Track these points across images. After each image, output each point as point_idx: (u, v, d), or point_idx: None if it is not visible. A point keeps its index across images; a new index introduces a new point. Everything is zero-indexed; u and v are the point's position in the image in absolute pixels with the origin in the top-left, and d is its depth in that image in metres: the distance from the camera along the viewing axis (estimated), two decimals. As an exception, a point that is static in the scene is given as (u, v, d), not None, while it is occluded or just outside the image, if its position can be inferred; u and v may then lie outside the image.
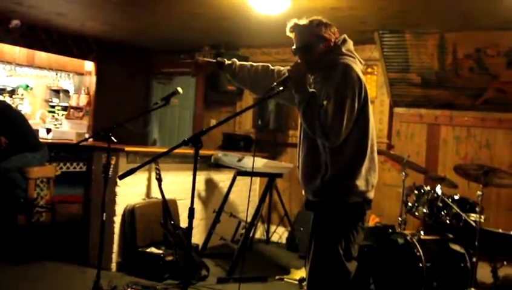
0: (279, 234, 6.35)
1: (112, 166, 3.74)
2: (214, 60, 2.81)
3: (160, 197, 4.59)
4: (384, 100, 5.85)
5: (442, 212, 4.20)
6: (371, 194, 2.46)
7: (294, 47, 2.53)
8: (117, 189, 4.51)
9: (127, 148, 4.45)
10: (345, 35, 2.55)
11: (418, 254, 3.94)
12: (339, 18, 4.75)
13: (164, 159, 4.81)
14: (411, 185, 4.61)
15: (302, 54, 2.50)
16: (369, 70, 5.84)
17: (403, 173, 4.56)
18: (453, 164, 5.38)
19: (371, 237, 4.49)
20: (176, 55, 7.56)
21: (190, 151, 4.43)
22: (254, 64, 2.84)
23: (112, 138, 3.59)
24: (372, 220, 5.54)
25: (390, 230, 4.58)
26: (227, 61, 2.77)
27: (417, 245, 4.00)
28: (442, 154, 5.60)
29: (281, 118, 6.42)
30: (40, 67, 7.50)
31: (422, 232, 4.21)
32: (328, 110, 2.28)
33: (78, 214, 6.00)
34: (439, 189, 4.24)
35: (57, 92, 8.89)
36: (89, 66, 7.57)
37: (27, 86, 8.44)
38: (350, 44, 2.53)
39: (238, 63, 2.80)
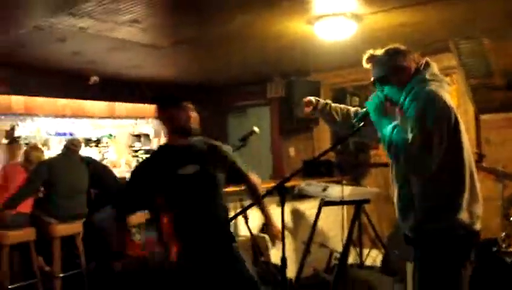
0: (373, 257, 6.14)
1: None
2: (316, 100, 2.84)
3: (248, 234, 4.58)
4: (468, 108, 5.55)
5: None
6: (477, 226, 2.28)
7: (372, 79, 2.46)
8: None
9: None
10: (427, 59, 2.42)
11: (529, 273, 3.65)
12: (408, 34, 4.60)
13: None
14: (510, 197, 4.31)
15: (380, 86, 2.42)
16: (447, 79, 5.58)
17: (501, 185, 4.27)
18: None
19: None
20: (246, 87, 7.65)
21: (274, 183, 4.40)
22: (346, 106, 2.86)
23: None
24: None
25: (494, 248, 4.27)
26: (321, 101, 2.82)
27: (527, 263, 3.71)
28: (541, 157, 5.21)
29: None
30: (120, 117, 7.84)
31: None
32: (415, 142, 2.16)
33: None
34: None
35: (138, 136, 9.27)
36: (166, 110, 7.81)
37: (110, 135, 8.86)
38: (433, 68, 2.39)
39: (332, 104, 2.84)
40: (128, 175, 7.55)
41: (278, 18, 4.13)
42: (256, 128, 3.67)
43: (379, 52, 2.42)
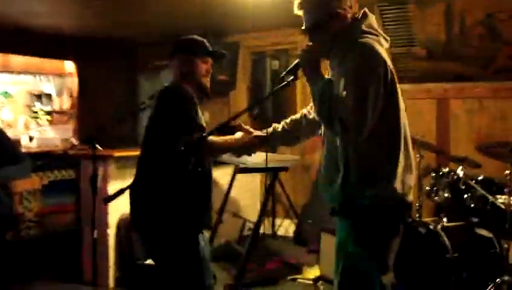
0: (285, 227, 6.01)
1: (100, 176, 3.36)
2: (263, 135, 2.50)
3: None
4: (388, 77, 5.45)
5: (465, 196, 3.84)
6: (409, 198, 2.07)
7: (303, 27, 2.15)
8: (109, 198, 4.12)
9: (116, 154, 4.05)
10: (365, 9, 2.14)
11: (444, 243, 3.59)
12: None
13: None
14: (426, 167, 4.25)
15: (313, 35, 2.12)
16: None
17: (418, 155, 4.19)
18: (466, 139, 5.04)
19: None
20: (160, 46, 7.13)
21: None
22: (287, 121, 2.53)
23: (97, 145, 3.19)
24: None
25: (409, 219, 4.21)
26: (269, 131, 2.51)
27: (442, 234, 3.65)
28: (454, 130, 5.22)
29: (280, 105, 6.02)
30: (17, 72, 7.02)
31: (444, 219, 3.87)
32: (348, 101, 1.89)
33: (72, 224, 5.62)
34: (460, 170, 3.88)
35: (38, 96, 8.39)
36: (69, 66, 7.11)
37: (6, 93, 7.96)
38: (371, 19, 2.13)
39: (277, 128, 2.52)
40: (23, 138, 6.90)
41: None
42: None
43: None
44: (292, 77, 2.13)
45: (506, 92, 4.94)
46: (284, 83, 2.13)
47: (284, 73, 2.15)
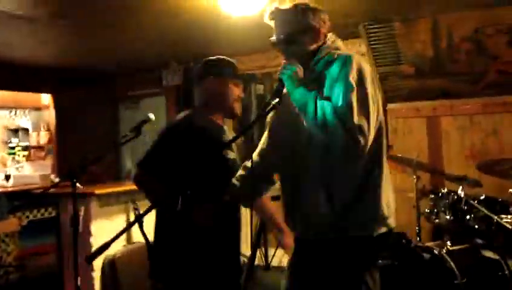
0: (279, 257, 5.76)
1: (81, 216, 3.12)
2: None
3: (143, 240, 3.95)
4: (376, 97, 5.33)
5: (468, 217, 3.68)
6: (392, 222, 1.92)
7: (274, 37, 2.01)
8: (92, 239, 3.86)
9: (98, 191, 3.81)
10: (332, 34, 2.07)
11: (451, 268, 3.41)
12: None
13: (142, 195, 4.20)
14: (422, 189, 4.10)
15: (284, 48, 2.00)
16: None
17: (414, 177, 4.03)
18: (459, 157, 4.93)
19: (386, 253, 3.92)
20: (140, 75, 6.94)
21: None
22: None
23: (78, 183, 2.95)
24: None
25: (405, 242, 4.00)
26: None
27: (448, 258, 3.47)
28: (446, 147, 5.10)
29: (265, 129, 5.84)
30: (-8, 107, 6.77)
31: (448, 242, 3.69)
32: (349, 106, 1.74)
33: (53, 267, 5.32)
34: (460, 190, 3.72)
35: (15, 131, 8.13)
36: (46, 99, 6.86)
37: (-19, 129, 7.68)
38: (339, 42, 2.05)
39: None
40: (2, 176, 6.58)
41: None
42: (151, 115, 3.07)
43: (286, 5, 2.01)
44: (277, 100, 1.95)
45: (497, 107, 4.84)
46: (270, 107, 1.95)
47: (269, 97, 1.99)
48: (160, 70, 6.62)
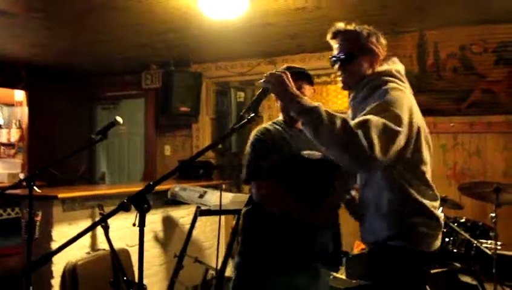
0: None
1: (38, 223, 2.91)
2: None
3: (108, 248, 3.76)
4: (358, 111, 5.20)
5: (447, 239, 3.55)
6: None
7: (334, 55, 2.10)
8: (53, 244, 3.64)
9: (61, 195, 3.59)
10: (395, 58, 2.16)
11: (427, 293, 3.27)
12: (305, 20, 4.11)
13: (111, 200, 4.01)
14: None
15: (343, 64, 2.08)
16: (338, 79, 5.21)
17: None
18: (440, 176, 4.82)
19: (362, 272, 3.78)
20: (119, 76, 6.75)
21: (140, 188, 3.66)
22: None
23: (35, 187, 2.76)
24: (357, 247, 4.85)
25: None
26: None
27: (424, 282, 3.33)
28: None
29: (244, 139, 5.67)
30: (-39, 101, 6.50)
31: (425, 265, 3.55)
32: (368, 121, 1.75)
33: (18, 270, 5.09)
34: (441, 212, 3.59)
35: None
36: (19, 95, 6.62)
37: (-49, 124, 7.40)
38: (400, 66, 2.13)
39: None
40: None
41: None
42: (118, 118, 2.91)
43: (350, 27, 2.10)
44: (252, 114, 1.89)
45: (482, 126, 4.73)
46: (243, 121, 1.88)
47: (243, 110, 1.92)
48: (140, 73, 6.44)
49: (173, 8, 3.83)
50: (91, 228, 1.66)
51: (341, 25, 2.10)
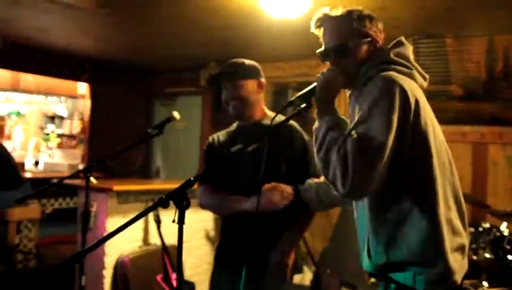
0: (301, 275, 5.51)
1: (93, 213, 2.97)
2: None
3: (159, 242, 3.80)
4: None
5: (510, 257, 3.34)
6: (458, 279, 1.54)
7: (322, 49, 1.74)
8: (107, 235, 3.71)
9: (116, 188, 3.65)
10: (401, 38, 1.77)
11: (486, 313, 3.10)
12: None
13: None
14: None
15: (336, 58, 1.71)
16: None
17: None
18: (505, 189, 4.58)
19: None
20: (178, 73, 6.83)
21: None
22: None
23: (92, 178, 2.80)
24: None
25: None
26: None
27: (484, 302, 3.16)
28: (492, 178, 4.73)
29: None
30: (26, 91, 6.74)
31: (485, 283, 3.36)
32: (355, 143, 1.48)
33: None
34: (504, 227, 3.40)
35: (52, 118, 8.17)
36: (82, 88, 6.82)
37: (19, 113, 7.72)
38: (407, 49, 1.74)
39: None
40: (28, 162, 6.56)
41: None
42: (176, 114, 2.90)
43: (338, 11, 1.73)
44: (304, 104, 1.69)
45: (552, 138, 4.47)
46: (295, 112, 1.70)
47: (293, 97, 1.71)
48: (199, 70, 6.49)
49: (233, 5, 3.81)
50: (127, 225, 1.56)
51: (325, 11, 1.74)
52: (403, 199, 1.54)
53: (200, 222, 4.57)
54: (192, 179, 1.54)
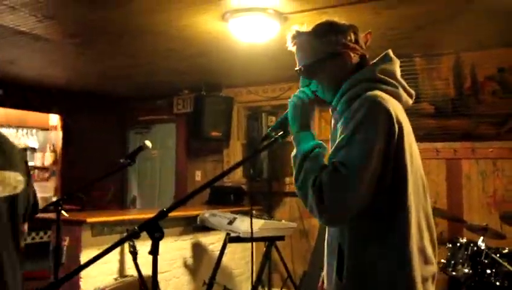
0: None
1: (65, 248, 2.89)
2: None
3: (136, 274, 3.70)
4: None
5: (489, 271, 3.36)
6: None
7: (296, 68, 1.68)
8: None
9: (90, 219, 3.57)
10: (389, 52, 1.67)
11: (468, 329, 3.09)
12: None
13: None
14: (439, 237, 3.79)
15: (308, 77, 1.66)
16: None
17: (431, 223, 3.74)
18: (480, 204, 4.63)
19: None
20: (152, 101, 6.80)
21: (174, 213, 3.59)
22: None
23: (63, 211, 2.74)
24: None
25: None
26: None
27: (464, 317, 3.16)
28: (466, 193, 4.78)
29: (276, 165, 5.58)
30: (-1, 125, 6.61)
31: (465, 298, 3.38)
32: (331, 168, 1.43)
33: (45, 293, 5.08)
34: (481, 242, 3.42)
35: (23, 150, 8.01)
36: (54, 120, 6.73)
37: (-11, 147, 7.56)
38: (393, 65, 1.64)
39: None
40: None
41: (188, 11, 3.37)
42: (148, 142, 2.88)
43: (305, 28, 1.66)
44: (281, 132, 1.66)
45: (523, 152, 4.54)
46: (271, 140, 1.67)
47: (269, 128, 1.69)
48: (172, 97, 6.48)
49: (205, 33, 3.82)
50: (99, 257, 1.51)
51: (296, 28, 1.66)
52: (375, 226, 1.49)
53: (178, 250, 4.49)
54: (165, 209, 1.51)
